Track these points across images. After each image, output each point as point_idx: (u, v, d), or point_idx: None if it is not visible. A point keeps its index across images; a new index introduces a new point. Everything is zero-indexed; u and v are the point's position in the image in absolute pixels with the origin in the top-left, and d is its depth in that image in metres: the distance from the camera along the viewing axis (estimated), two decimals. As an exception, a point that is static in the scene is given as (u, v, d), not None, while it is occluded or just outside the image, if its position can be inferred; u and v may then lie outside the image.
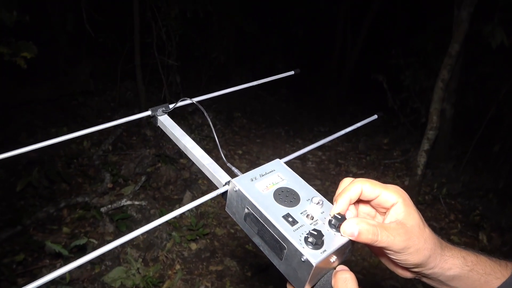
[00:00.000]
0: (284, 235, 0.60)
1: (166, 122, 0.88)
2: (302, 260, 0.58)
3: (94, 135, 4.63)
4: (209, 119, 0.85)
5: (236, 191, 0.68)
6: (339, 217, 0.62)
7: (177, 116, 5.45)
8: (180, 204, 3.77)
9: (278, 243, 0.62)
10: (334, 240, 0.61)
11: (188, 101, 0.89)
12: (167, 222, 3.47)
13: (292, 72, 1.15)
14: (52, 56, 4.98)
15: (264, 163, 0.76)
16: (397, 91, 5.73)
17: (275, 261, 0.64)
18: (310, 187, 0.71)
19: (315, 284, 0.63)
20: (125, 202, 3.53)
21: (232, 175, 0.74)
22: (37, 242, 2.87)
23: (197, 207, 3.82)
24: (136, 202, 3.56)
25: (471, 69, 5.32)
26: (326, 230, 0.62)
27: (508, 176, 4.38)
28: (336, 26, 10.14)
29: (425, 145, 3.98)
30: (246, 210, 0.67)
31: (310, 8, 9.42)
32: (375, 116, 1.06)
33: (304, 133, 6.48)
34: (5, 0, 2.24)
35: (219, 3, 7.09)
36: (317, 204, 0.66)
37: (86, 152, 4.24)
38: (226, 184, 0.72)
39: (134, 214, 3.45)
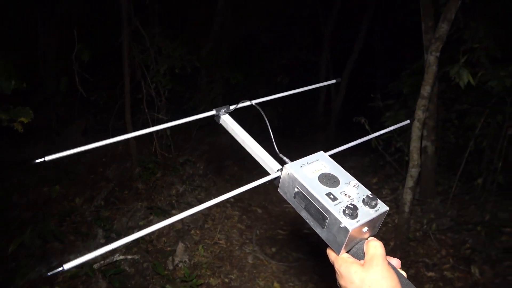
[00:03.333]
0: (326, 208, 0.78)
1: (227, 120, 1.08)
2: (341, 226, 0.75)
3: (86, 191, 4.68)
4: (265, 116, 1.04)
5: (288, 174, 0.86)
6: (371, 196, 0.80)
7: (168, 167, 5.55)
8: (173, 255, 3.77)
9: (321, 215, 0.79)
10: (366, 214, 0.78)
11: (247, 103, 1.10)
12: (160, 275, 3.46)
13: (334, 81, 1.42)
14: (46, 116, 5.15)
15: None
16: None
17: (318, 230, 0.82)
18: (348, 174, 0.89)
19: (350, 250, 0.80)
20: (118, 257, 3.53)
21: (282, 163, 0.92)
22: (29, 303, 2.85)
23: (189, 258, 3.82)
24: (129, 256, 3.57)
25: (449, 107, 5.60)
26: (360, 206, 0.79)
27: (493, 208, 4.48)
28: (319, 74, 10.64)
29: (409, 183, 4.10)
30: (296, 189, 0.85)
31: (294, 57, 9.91)
32: (408, 121, 1.27)
33: (295, 178, 6.57)
34: (4, 70, 2.42)
35: (206, 58, 7.46)
36: (353, 186, 0.84)
37: (78, 209, 4.28)
38: (278, 170, 0.90)
39: (127, 269, 3.45)
